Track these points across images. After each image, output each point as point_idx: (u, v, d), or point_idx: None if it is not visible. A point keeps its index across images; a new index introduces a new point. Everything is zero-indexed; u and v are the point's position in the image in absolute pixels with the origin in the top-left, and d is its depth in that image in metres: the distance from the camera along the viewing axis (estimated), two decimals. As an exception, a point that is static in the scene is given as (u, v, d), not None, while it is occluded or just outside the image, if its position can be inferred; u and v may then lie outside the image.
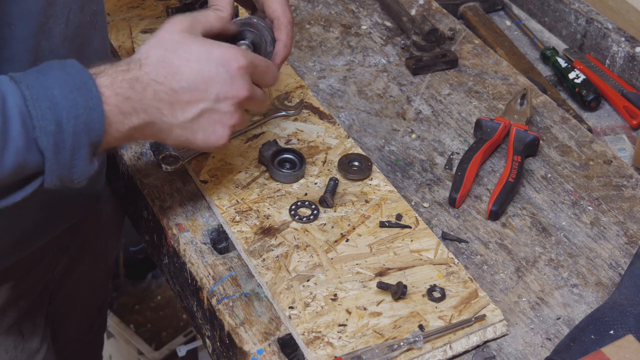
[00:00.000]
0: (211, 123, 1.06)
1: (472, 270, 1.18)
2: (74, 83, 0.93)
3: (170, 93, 1.01)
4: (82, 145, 0.94)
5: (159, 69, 1.00)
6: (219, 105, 1.05)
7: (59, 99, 0.92)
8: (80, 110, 0.93)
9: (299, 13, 1.65)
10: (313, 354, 1.04)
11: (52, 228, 1.28)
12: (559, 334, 1.11)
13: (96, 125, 0.94)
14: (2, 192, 0.94)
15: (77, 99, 0.93)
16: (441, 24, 1.63)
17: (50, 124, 0.91)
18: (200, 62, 1.02)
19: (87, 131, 0.94)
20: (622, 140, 1.49)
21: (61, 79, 0.93)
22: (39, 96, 0.91)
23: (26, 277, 1.27)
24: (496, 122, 1.37)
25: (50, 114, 0.91)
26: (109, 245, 1.62)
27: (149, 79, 0.99)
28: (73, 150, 0.93)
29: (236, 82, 1.05)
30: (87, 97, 0.94)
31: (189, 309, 1.22)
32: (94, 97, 0.94)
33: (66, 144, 0.93)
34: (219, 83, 1.03)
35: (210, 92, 1.03)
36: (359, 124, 1.41)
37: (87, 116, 0.93)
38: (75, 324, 1.61)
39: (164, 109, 1.02)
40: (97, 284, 1.63)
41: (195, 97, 1.03)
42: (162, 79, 1.00)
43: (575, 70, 1.58)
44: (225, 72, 1.03)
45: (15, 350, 1.27)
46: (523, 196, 1.30)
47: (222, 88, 1.04)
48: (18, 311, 1.27)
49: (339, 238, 1.18)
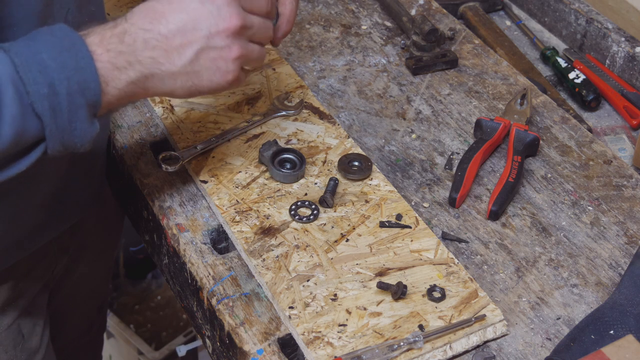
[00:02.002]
0: (212, 61, 1.03)
1: (472, 270, 1.18)
2: (62, 45, 0.93)
3: (161, 39, 0.99)
4: (80, 106, 0.94)
5: (144, 17, 0.99)
6: (214, 40, 1.02)
7: (48, 62, 0.91)
8: (71, 70, 0.92)
9: (299, 13, 1.65)
10: (313, 354, 1.04)
11: (52, 228, 1.28)
12: (559, 334, 1.11)
13: (91, 84, 0.94)
14: (6, 162, 0.94)
15: (67, 60, 0.92)
16: (441, 24, 1.63)
17: (42, 87, 0.91)
18: (182, 1, 1.00)
19: (82, 91, 0.93)
20: (622, 140, 1.49)
21: (49, 43, 0.93)
22: (28, 62, 0.91)
23: (26, 277, 1.27)
24: (496, 122, 1.37)
25: (42, 77, 0.91)
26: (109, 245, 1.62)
27: (137, 28, 0.98)
28: (70, 112, 0.93)
29: (223, 11, 1.01)
30: (77, 57, 0.93)
31: (189, 309, 1.22)
32: (85, 56, 0.94)
33: (62, 106, 0.92)
34: (206, 18, 1.01)
35: (200, 29, 1.01)
36: (359, 124, 1.41)
37: (80, 76, 0.93)
38: (75, 324, 1.61)
39: (159, 57, 1.00)
40: (97, 284, 1.63)
41: (187, 38, 1.00)
42: (149, 26, 0.99)
43: (575, 70, 1.58)
44: (210, 4, 1.00)
45: (15, 349, 1.27)
46: (523, 196, 1.30)
47: (211, 22, 1.01)
48: (18, 311, 1.27)
49: (339, 238, 1.18)
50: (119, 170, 1.36)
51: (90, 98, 0.94)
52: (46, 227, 1.26)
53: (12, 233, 1.19)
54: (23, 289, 1.27)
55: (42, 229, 1.26)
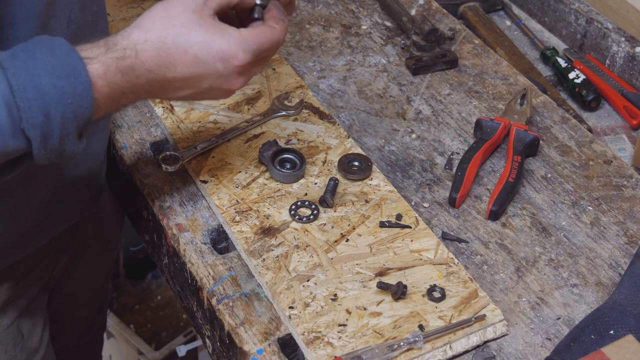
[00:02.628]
0: (206, 95, 1.06)
1: (472, 270, 1.18)
2: (62, 69, 0.91)
3: (163, 81, 1.00)
4: (71, 132, 0.93)
5: (154, 58, 0.98)
6: (211, 92, 1.05)
7: (47, 89, 0.90)
8: (69, 99, 0.91)
9: (299, 13, 1.65)
10: (313, 354, 1.04)
11: (52, 228, 1.28)
12: (559, 334, 1.11)
13: (85, 111, 0.93)
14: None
15: (66, 87, 0.91)
16: (441, 24, 1.63)
17: (37, 116, 0.89)
18: (197, 58, 1.00)
19: (75, 118, 0.92)
20: (622, 140, 1.49)
21: (49, 65, 0.91)
22: (25, 86, 0.89)
23: (26, 277, 1.27)
24: (496, 122, 1.37)
25: (38, 106, 0.89)
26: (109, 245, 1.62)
27: (144, 68, 0.98)
28: (61, 137, 0.93)
29: (231, 79, 1.03)
30: (75, 84, 0.92)
31: (189, 309, 1.22)
32: (84, 83, 0.92)
33: (54, 133, 0.92)
34: (213, 78, 1.02)
35: (202, 84, 1.03)
36: (359, 124, 1.41)
37: (77, 104, 0.92)
38: (75, 324, 1.61)
39: (156, 92, 1.02)
40: (97, 284, 1.63)
41: (187, 86, 1.02)
42: (156, 70, 0.99)
43: (575, 70, 1.58)
44: (222, 69, 1.02)
45: (15, 349, 1.27)
46: (523, 196, 1.30)
47: (215, 82, 1.03)
48: (17, 310, 1.27)
49: (339, 238, 1.18)
50: (119, 170, 1.36)
51: (82, 122, 0.94)
52: (46, 227, 1.26)
53: (11, 232, 1.19)
54: (23, 288, 1.27)
55: (42, 229, 1.25)
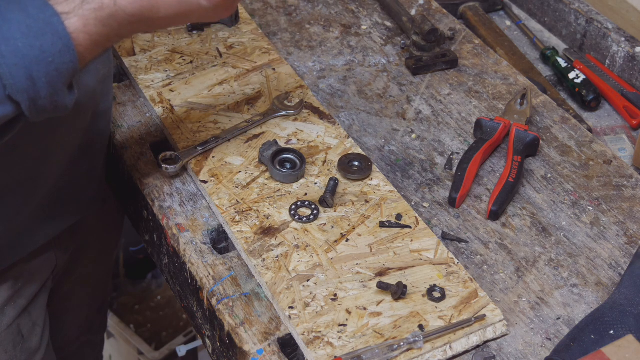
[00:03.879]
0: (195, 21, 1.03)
1: (472, 270, 1.18)
2: (38, 28, 0.88)
3: (149, 22, 0.97)
4: (59, 89, 0.91)
5: (135, 3, 0.94)
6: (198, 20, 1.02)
7: (25, 51, 0.87)
8: (49, 57, 0.88)
9: (299, 13, 1.65)
10: (313, 354, 1.04)
11: (52, 228, 1.28)
12: (559, 334, 1.11)
13: (69, 65, 0.90)
14: None
15: (45, 46, 0.88)
16: (441, 24, 1.63)
17: (21, 81, 0.87)
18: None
19: (61, 75, 0.90)
20: (622, 140, 1.49)
21: (23, 25, 0.87)
22: (2, 52, 0.86)
23: (25, 277, 1.27)
24: (496, 122, 1.37)
25: (19, 70, 0.87)
26: (110, 245, 1.62)
27: (125, 14, 0.94)
28: (51, 96, 0.90)
29: (217, 10, 0.99)
30: (54, 41, 0.88)
31: (189, 309, 1.22)
32: (63, 37, 0.89)
33: (42, 94, 0.89)
34: (198, 14, 0.99)
35: (188, 19, 1.00)
36: (359, 124, 1.41)
37: (59, 61, 0.89)
38: (75, 324, 1.61)
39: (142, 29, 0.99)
40: (97, 284, 1.63)
41: (173, 23, 0.99)
42: (139, 14, 0.95)
43: (575, 70, 1.58)
44: (207, 3, 0.97)
45: (15, 349, 1.27)
46: (523, 196, 1.30)
47: (200, 15, 0.99)
48: (17, 310, 1.27)
49: (339, 238, 1.18)
50: (119, 170, 1.36)
51: (69, 76, 0.91)
52: (45, 227, 1.26)
53: (11, 232, 1.19)
54: (22, 288, 1.27)
55: (42, 229, 1.25)
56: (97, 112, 1.26)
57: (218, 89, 1.41)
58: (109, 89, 1.30)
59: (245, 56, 1.48)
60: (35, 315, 1.31)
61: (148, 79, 1.42)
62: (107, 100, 1.29)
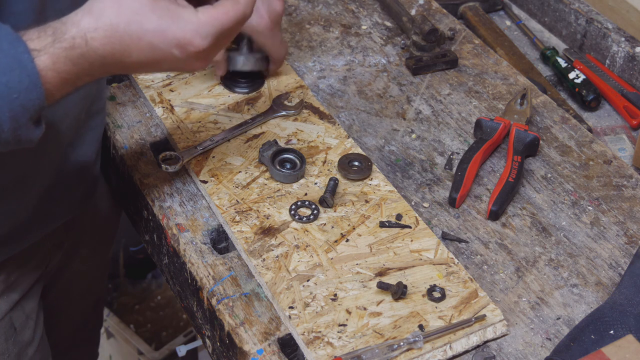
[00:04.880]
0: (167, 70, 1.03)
1: (472, 270, 1.18)
2: (6, 63, 0.88)
3: (119, 65, 0.97)
4: (23, 124, 0.91)
5: (107, 45, 0.94)
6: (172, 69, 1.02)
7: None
8: (14, 93, 0.88)
9: (299, 13, 1.65)
10: (313, 354, 1.04)
11: (46, 225, 1.28)
12: (559, 334, 1.11)
13: (35, 102, 0.90)
14: None
15: (11, 82, 0.88)
16: (441, 24, 1.63)
17: None
18: (152, 45, 0.96)
19: (25, 111, 0.90)
20: (622, 140, 1.49)
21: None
22: None
23: (18, 271, 1.27)
24: (496, 122, 1.37)
25: None
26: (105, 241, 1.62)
27: (97, 55, 0.94)
28: (14, 130, 0.91)
29: (189, 61, 0.99)
30: (21, 78, 0.89)
31: (189, 309, 1.22)
32: (31, 75, 0.89)
33: (4, 127, 0.90)
34: (170, 62, 0.99)
35: (161, 66, 1.00)
36: (359, 124, 1.41)
37: (25, 97, 0.89)
38: (70, 320, 1.61)
39: (114, 72, 0.99)
40: (93, 280, 1.63)
41: (145, 68, 1.00)
42: (110, 57, 0.95)
43: (575, 70, 1.58)
44: (179, 55, 0.97)
45: (7, 342, 1.27)
46: (523, 196, 1.30)
47: (173, 65, 1.00)
48: (9, 304, 1.26)
49: (339, 238, 1.18)
50: (119, 170, 1.36)
51: (35, 113, 0.91)
52: (39, 224, 1.26)
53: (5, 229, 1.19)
54: (15, 282, 1.27)
55: (36, 225, 1.25)
56: (90, 111, 1.26)
57: (218, 89, 1.41)
58: (102, 89, 1.30)
59: (245, 56, 1.48)
60: (28, 309, 1.31)
61: (148, 79, 1.42)
62: (101, 100, 1.29)
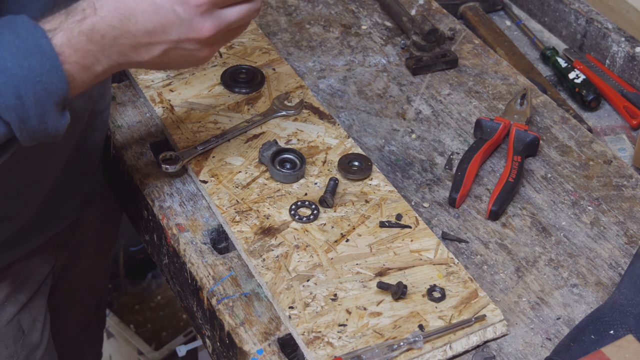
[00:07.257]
0: (180, 57, 1.02)
1: (472, 270, 1.18)
2: (27, 48, 0.90)
3: (129, 36, 0.97)
4: (48, 109, 0.92)
5: (114, 11, 0.95)
6: (183, 44, 1.01)
7: (14, 70, 0.89)
8: (37, 77, 0.90)
9: (299, 13, 1.65)
10: (313, 354, 1.04)
11: (49, 227, 1.29)
12: (559, 334, 1.11)
13: (58, 85, 0.92)
14: None
15: (33, 66, 0.90)
16: (441, 24, 1.63)
17: (9, 99, 0.89)
18: (154, 4, 0.97)
19: (49, 95, 0.91)
20: (622, 140, 1.49)
21: (13, 46, 0.89)
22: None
23: (25, 273, 1.28)
24: (496, 122, 1.37)
25: (8, 89, 0.89)
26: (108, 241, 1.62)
27: (105, 25, 0.95)
28: (40, 116, 0.92)
29: (195, 22, 0.99)
30: (42, 61, 0.90)
31: (189, 309, 1.22)
32: (51, 58, 0.91)
33: (30, 113, 0.91)
34: (176, 25, 0.99)
35: (169, 35, 0.99)
36: (359, 124, 1.41)
37: (47, 80, 0.91)
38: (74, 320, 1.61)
39: (127, 51, 0.99)
40: (96, 280, 1.64)
41: (156, 39, 0.99)
42: (118, 24, 0.96)
43: (575, 70, 1.58)
44: (182, 13, 0.98)
45: (15, 345, 1.27)
46: (523, 196, 1.30)
47: (181, 30, 0.99)
48: (17, 306, 1.27)
49: (339, 238, 1.18)
50: (119, 170, 1.36)
51: (59, 97, 0.93)
52: (43, 227, 1.26)
53: (12, 231, 1.19)
54: (22, 285, 1.27)
55: (40, 228, 1.26)
56: (94, 112, 1.26)
57: (218, 89, 1.41)
58: (107, 89, 1.30)
59: (245, 56, 1.48)
60: (35, 311, 1.31)
61: (148, 79, 1.42)
62: (105, 100, 1.29)
